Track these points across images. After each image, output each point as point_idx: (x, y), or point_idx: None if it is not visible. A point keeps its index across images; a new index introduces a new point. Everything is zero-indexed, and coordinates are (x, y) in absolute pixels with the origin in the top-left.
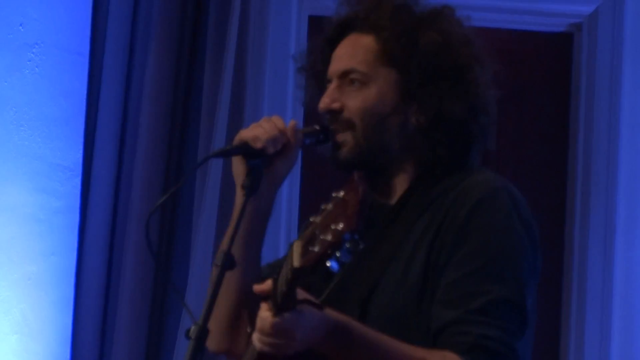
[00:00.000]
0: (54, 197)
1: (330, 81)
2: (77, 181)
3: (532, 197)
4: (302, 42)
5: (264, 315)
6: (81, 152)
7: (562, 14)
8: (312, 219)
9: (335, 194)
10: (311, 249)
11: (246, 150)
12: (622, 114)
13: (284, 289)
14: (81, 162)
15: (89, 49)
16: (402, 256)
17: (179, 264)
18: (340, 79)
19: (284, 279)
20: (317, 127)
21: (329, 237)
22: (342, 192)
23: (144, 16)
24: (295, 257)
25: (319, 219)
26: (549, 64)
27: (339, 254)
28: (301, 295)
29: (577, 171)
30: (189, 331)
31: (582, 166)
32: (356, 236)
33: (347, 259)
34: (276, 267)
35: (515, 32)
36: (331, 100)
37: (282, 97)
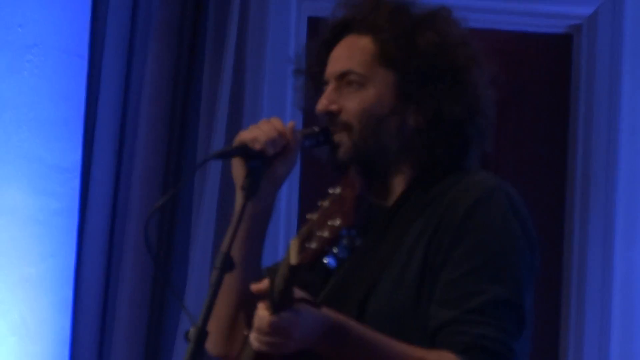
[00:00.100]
0: (53, 199)
1: (327, 83)
2: (76, 183)
3: (531, 198)
4: (301, 43)
5: (262, 314)
6: (80, 153)
7: (561, 16)
8: (309, 216)
9: (331, 191)
10: (308, 245)
11: (245, 151)
12: (621, 115)
13: (281, 287)
14: (80, 163)
15: (88, 50)
16: (399, 257)
17: (178, 265)
18: (337, 80)
19: (281, 277)
20: (316, 129)
21: (326, 234)
22: (338, 189)
23: (143, 18)
24: (292, 255)
25: (315, 216)
26: (549, 66)
27: (336, 250)
28: (299, 294)
29: (577, 172)
30: (187, 333)
31: (581, 167)
32: (353, 232)
33: (344, 255)
34: (276, 270)
35: (514, 34)
36: (329, 102)
37: (281, 99)
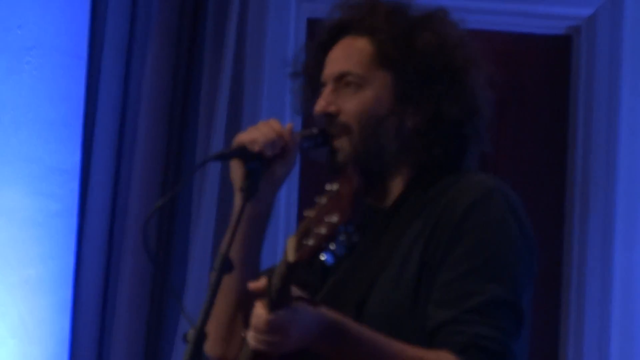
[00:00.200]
0: (52, 200)
1: (325, 85)
2: (75, 184)
3: (531, 199)
4: (300, 45)
5: (259, 312)
6: (79, 155)
7: (560, 17)
8: (306, 213)
9: (329, 187)
10: (305, 242)
11: (244, 153)
12: (621, 116)
13: (279, 285)
14: (79, 165)
15: (86, 52)
16: (397, 257)
17: (177, 267)
18: (335, 82)
19: (278, 275)
20: (315, 131)
21: (323, 230)
22: (335, 185)
23: (142, 19)
24: (289, 252)
25: (313, 212)
26: (548, 67)
27: (333, 246)
28: (296, 292)
29: (576, 174)
30: (186, 335)
31: (581, 169)
32: (350, 228)
33: (342, 251)
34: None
35: (513, 35)
36: (327, 103)
37: (280, 100)
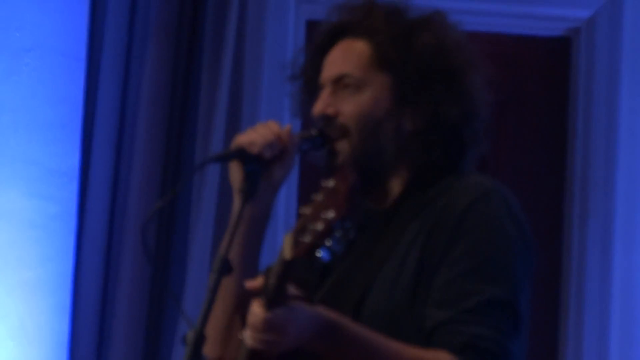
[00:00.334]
0: (50, 203)
1: (323, 87)
2: (74, 186)
3: (530, 201)
4: (299, 47)
5: (256, 311)
6: (78, 157)
7: (560, 18)
8: (302, 210)
9: (325, 184)
10: (302, 240)
11: (243, 155)
12: (620, 117)
13: (275, 283)
14: (78, 167)
15: (85, 53)
16: (396, 257)
17: (176, 269)
18: (334, 84)
19: (275, 273)
20: (314, 132)
21: (320, 226)
22: (331, 182)
23: (141, 21)
24: (286, 250)
25: (309, 209)
26: (547, 68)
27: (329, 243)
28: (293, 291)
29: (576, 175)
30: (185, 337)
31: (580, 170)
32: (347, 224)
33: (338, 248)
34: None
35: (513, 37)
36: (325, 105)
37: (279, 101)
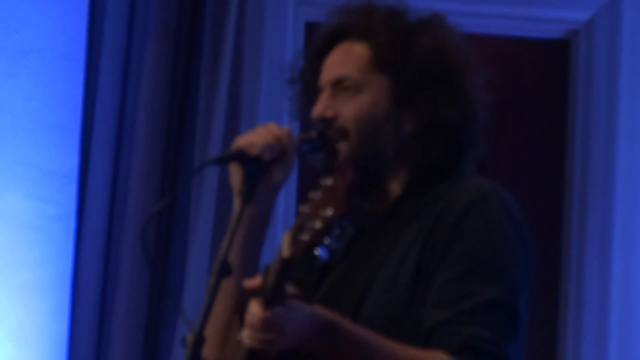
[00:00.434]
0: (49, 204)
1: (322, 90)
2: (73, 188)
3: (529, 203)
4: (298, 49)
5: (254, 310)
6: (77, 159)
7: (559, 21)
8: (301, 209)
9: (323, 182)
10: (300, 238)
11: (242, 157)
12: (619, 119)
13: (274, 282)
14: (77, 169)
15: (84, 55)
16: (395, 258)
17: (176, 270)
18: (333, 87)
19: (273, 271)
20: (314, 134)
21: (318, 224)
22: (330, 180)
23: (140, 23)
24: (284, 248)
25: (307, 208)
26: (546, 71)
27: (327, 241)
28: (291, 290)
29: (575, 177)
30: (185, 339)
31: (579, 172)
32: (345, 222)
33: (336, 246)
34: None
35: (512, 39)
36: (325, 108)
37: (278, 103)
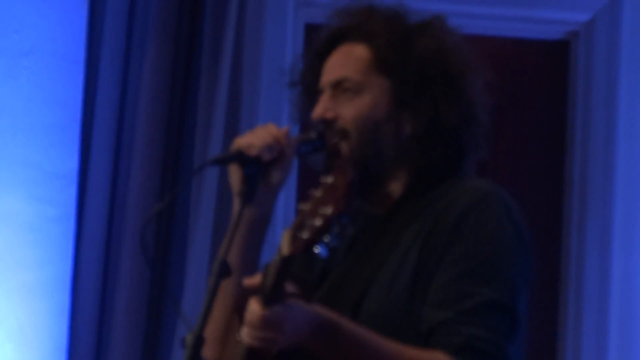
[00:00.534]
0: (49, 206)
1: (322, 92)
2: (73, 189)
3: (529, 203)
4: (298, 50)
5: (253, 308)
6: (77, 160)
7: (559, 22)
8: (301, 206)
9: (324, 180)
10: (300, 235)
11: (241, 157)
12: (619, 121)
13: (273, 280)
14: (77, 170)
15: (84, 56)
16: (394, 259)
17: (175, 272)
18: (333, 88)
19: (273, 269)
20: (314, 135)
21: (318, 222)
22: (330, 177)
23: (140, 24)
24: (284, 246)
25: (307, 205)
26: (546, 72)
27: (327, 238)
28: (290, 289)
29: (574, 178)
30: (184, 339)
31: (579, 173)
32: (345, 220)
33: (336, 244)
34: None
35: (512, 40)
36: (325, 109)
37: (278, 105)
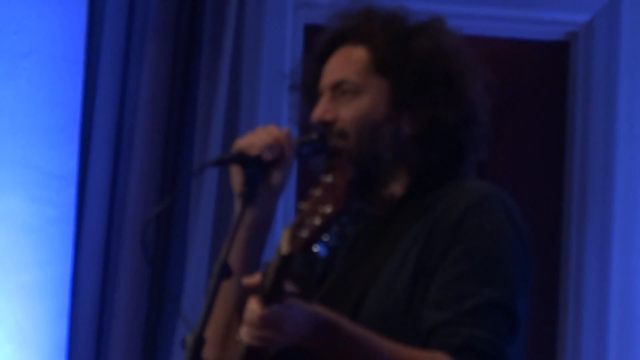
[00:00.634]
0: (48, 207)
1: (322, 94)
2: (72, 190)
3: (529, 204)
4: (297, 51)
5: (253, 307)
6: (76, 161)
7: (558, 23)
8: (300, 206)
9: (323, 179)
10: (299, 235)
11: (242, 158)
12: (618, 121)
13: (272, 279)
14: (76, 171)
15: (83, 57)
16: (394, 260)
17: (175, 272)
18: (332, 90)
19: (272, 268)
20: (314, 136)
21: (317, 221)
22: (330, 177)
23: (139, 25)
24: (283, 245)
25: (307, 205)
26: (546, 73)
27: (326, 238)
28: (290, 288)
29: (574, 179)
30: (185, 340)
31: (578, 174)
32: (344, 219)
33: (335, 243)
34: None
35: (511, 41)
36: (324, 111)
37: (277, 106)
